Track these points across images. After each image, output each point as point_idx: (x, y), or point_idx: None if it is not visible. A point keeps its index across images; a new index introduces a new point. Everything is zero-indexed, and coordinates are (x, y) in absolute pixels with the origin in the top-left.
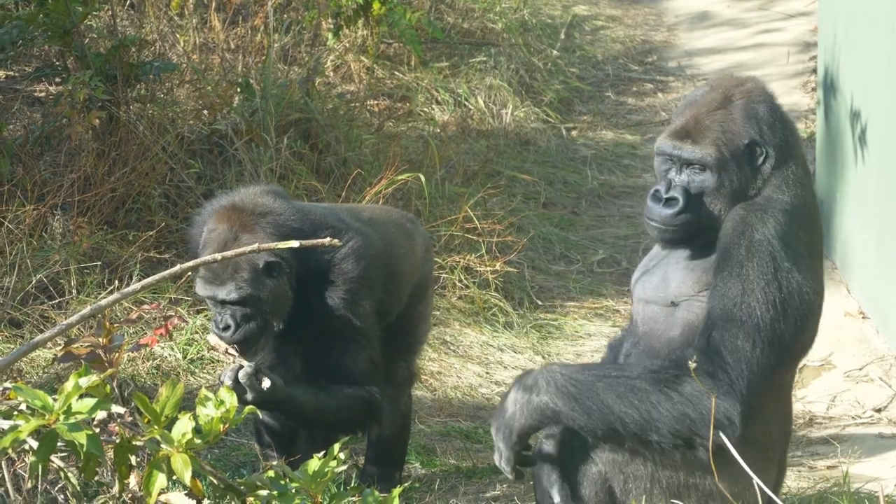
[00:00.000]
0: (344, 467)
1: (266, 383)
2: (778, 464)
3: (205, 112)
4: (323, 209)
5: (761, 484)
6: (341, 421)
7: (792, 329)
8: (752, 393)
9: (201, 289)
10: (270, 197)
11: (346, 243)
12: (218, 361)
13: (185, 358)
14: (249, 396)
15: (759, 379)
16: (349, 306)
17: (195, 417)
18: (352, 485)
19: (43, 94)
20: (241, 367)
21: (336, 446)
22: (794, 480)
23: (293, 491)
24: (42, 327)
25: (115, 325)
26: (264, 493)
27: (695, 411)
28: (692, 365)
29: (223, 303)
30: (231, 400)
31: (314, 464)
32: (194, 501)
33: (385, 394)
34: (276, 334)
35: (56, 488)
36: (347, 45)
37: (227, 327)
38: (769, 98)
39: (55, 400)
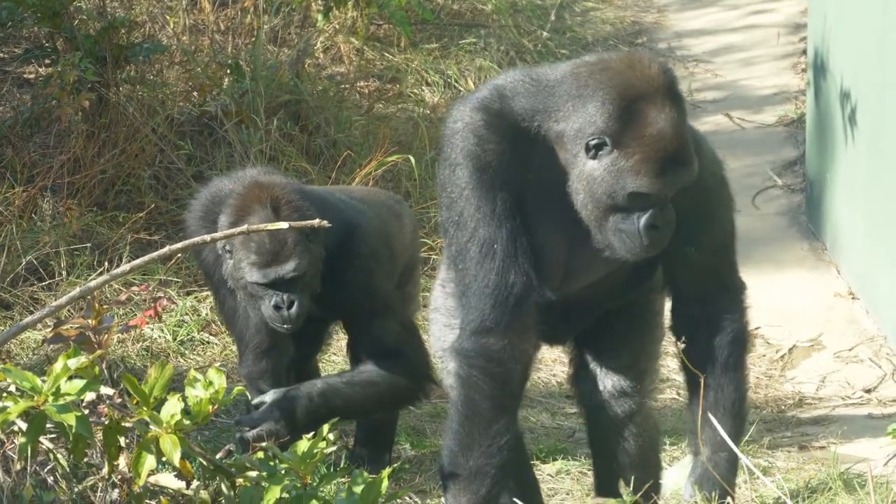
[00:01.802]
0: (333, 448)
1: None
2: None
3: (194, 94)
4: (319, 189)
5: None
6: (394, 398)
7: None
8: None
9: (261, 275)
10: (277, 176)
11: (353, 220)
12: (207, 343)
13: (174, 339)
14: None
15: None
16: (368, 281)
17: (184, 399)
18: (341, 466)
19: (32, 76)
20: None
21: (325, 427)
22: (783, 461)
23: (282, 472)
24: (31, 309)
25: (105, 306)
26: (254, 474)
27: None
28: None
29: (287, 281)
30: (220, 381)
31: (303, 445)
32: (183, 482)
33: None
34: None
35: (45, 470)
36: (337, 26)
37: (291, 304)
38: None
39: (44, 381)
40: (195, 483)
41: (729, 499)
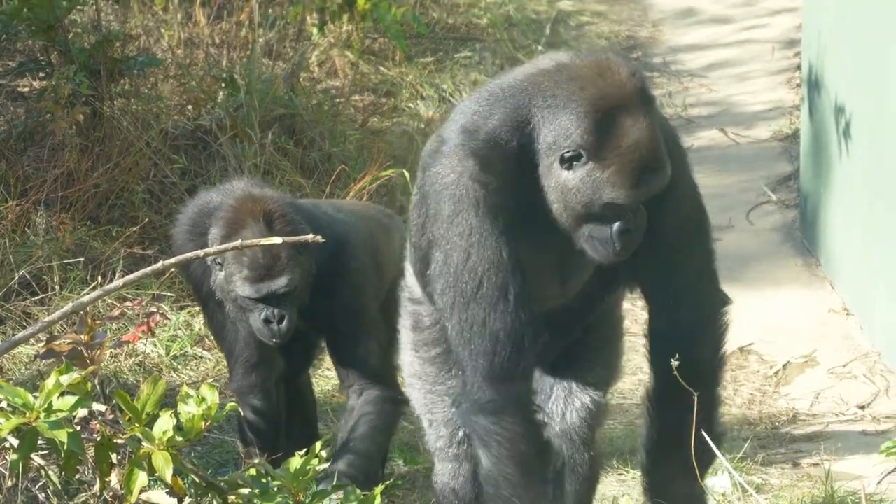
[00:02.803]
0: (326, 465)
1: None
2: None
3: (189, 107)
4: (307, 203)
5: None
6: (391, 426)
7: None
8: None
9: (253, 289)
10: (267, 189)
11: (343, 235)
12: (200, 358)
13: (167, 354)
14: None
15: None
16: (355, 300)
17: (176, 415)
18: (334, 482)
19: (27, 90)
20: None
21: (318, 444)
22: (777, 478)
23: (275, 489)
24: (24, 324)
25: (98, 321)
26: (246, 491)
27: None
28: None
29: (279, 296)
30: (212, 397)
31: (296, 462)
32: (175, 500)
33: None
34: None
35: (37, 486)
36: (332, 40)
37: (282, 319)
38: None
39: (36, 397)
40: (187, 500)
41: None
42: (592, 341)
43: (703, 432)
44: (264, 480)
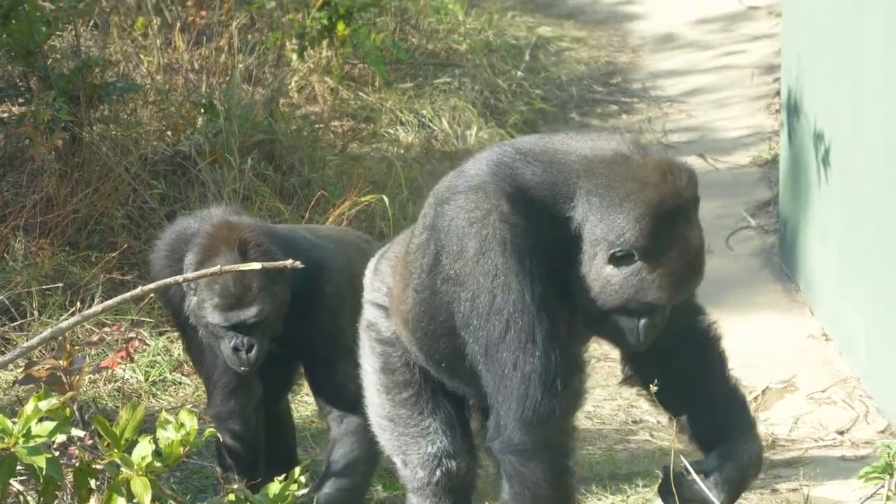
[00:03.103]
0: (305, 490)
1: None
2: None
3: (168, 133)
4: (285, 228)
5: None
6: (373, 461)
7: None
8: None
9: (223, 317)
10: (245, 216)
11: (320, 260)
12: (179, 384)
13: (146, 380)
14: None
15: None
16: (332, 325)
17: (155, 440)
18: None
19: (5, 115)
20: None
21: (297, 469)
22: (755, 503)
23: None
24: (3, 349)
25: (77, 347)
26: None
27: None
28: None
29: (248, 325)
30: (191, 422)
31: (275, 487)
32: None
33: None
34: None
35: None
36: (312, 65)
37: (251, 348)
38: None
39: (15, 423)
40: None
41: None
42: None
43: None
44: None
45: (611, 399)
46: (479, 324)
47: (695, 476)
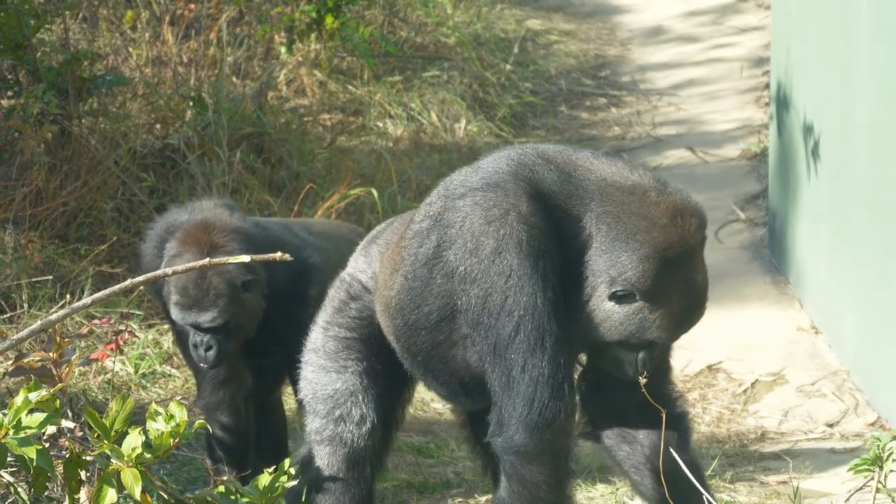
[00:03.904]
0: (294, 482)
1: None
2: None
3: (157, 126)
4: (277, 224)
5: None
6: None
7: None
8: None
9: (180, 315)
10: (228, 211)
11: (307, 260)
12: (169, 376)
13: (136, 372)
14: None
15: None
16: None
17: (145, 432)
18: (303, 500)
19: None
20: None
21: (286, 461)
22: (745, 496)
23: None
24: None
25: (66, 339)
26: None
27: None
28: None
29: (206, 329)
30: (181, 414)
31: (265, 479)
32: None
33: None
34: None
35: (6, 503)
36: (300, 58)
37: (209, 348)
38: None
39: (5, 415)
40: None
41: None
42: None
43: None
44: (233, 497)
45: None
46: (489, 322)
47: None
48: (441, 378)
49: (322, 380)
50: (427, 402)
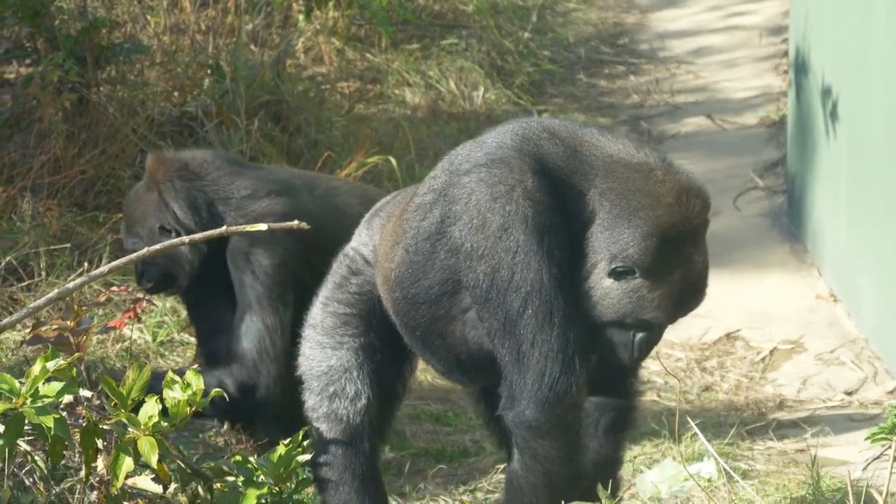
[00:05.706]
0: (309, 455)
1: None
2: None
3: (175, 94)
4: (281, 172)
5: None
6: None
7: None
8: None
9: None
10: (207, 159)
11: (260, 204)
12: (187, 344)
13: (154, 340)
14: None
15: None
16: (252, 269)
17: (162, 400)
18: None
19: (13, 76)
20: None
21: (301, 433)
22: (762, 464)
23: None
24: (11, 310)
25: (84, 307)
26: (231, 478)
27: None
28: None
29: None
30: (198, 382)
31: (280, 450)
32: (161, 486)
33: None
34: (195, 292)
35: (23, 471)
36: (318, 26)
37: (136, 272)
38: None
39: (22, 383)
40: (172, 486)
41: None
42: None
43: None
44: (249, 467)
45: None
46: (498, 299)
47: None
48: (439, 353)
49: (318, 356)
50: None
